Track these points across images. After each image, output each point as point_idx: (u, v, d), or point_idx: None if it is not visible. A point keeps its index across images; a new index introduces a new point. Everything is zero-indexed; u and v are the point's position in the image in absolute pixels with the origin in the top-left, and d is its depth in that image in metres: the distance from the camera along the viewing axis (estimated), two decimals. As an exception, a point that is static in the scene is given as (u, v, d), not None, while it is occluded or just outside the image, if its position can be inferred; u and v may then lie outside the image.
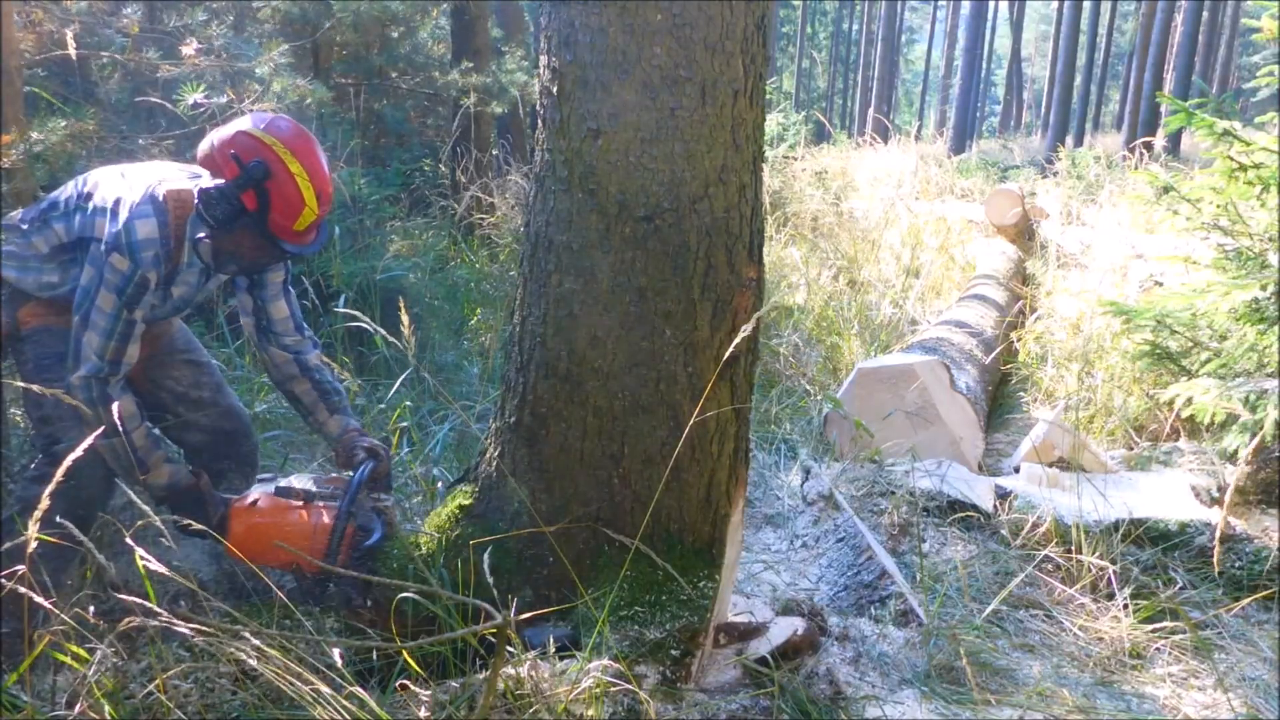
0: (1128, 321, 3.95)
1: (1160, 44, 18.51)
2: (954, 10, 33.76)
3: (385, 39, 6.78)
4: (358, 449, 2.47)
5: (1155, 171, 4.22)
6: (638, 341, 2.00)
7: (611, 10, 1.90)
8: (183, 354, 2.67)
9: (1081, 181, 10.89)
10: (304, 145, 2.24)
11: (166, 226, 2.23)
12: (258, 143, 2.20)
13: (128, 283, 2.20)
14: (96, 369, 2.22)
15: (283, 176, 2.20)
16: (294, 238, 2.28)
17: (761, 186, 2.10)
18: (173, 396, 2.63)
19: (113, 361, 2.24)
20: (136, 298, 2.22)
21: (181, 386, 2.64)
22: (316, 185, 2.24)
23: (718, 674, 2.05)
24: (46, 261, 2.35)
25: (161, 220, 2.22)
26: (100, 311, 2.21)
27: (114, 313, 2.21)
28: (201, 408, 2.64)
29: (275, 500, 2.34)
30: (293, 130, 2.25)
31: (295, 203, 2.22)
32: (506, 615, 1.56)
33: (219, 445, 2.66)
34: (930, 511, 3.24)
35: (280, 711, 1.62)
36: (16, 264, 2.36)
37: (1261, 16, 3.77)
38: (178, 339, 2.68)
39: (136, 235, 2.19)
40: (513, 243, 6.13)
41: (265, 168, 2.18)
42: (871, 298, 6.17)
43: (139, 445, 2.28)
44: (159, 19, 3.91)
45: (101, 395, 2.22)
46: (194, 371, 2.67)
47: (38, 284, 2.36)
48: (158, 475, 2.32)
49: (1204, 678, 2.42)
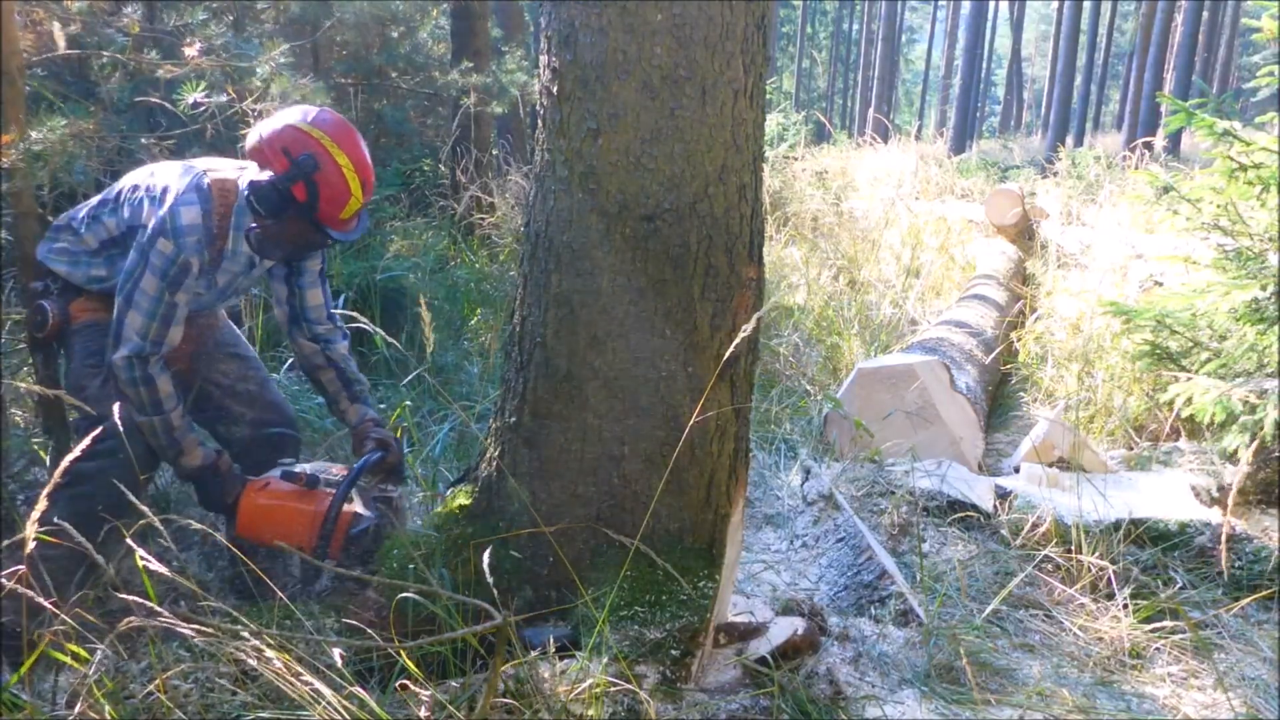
0: (1128, 321, 3.95)
1: (1160, 44, 18.52)
2: (954, 10, 33.75)
3: (385, 39, 6.78)
4: (369, 439, 2.56)
5: (1155, 171, 4.22)
6: (638, 341, 2.00)
7: (611, 10, 1.90)
8: (229, 348, 2.77)
9: (1081, 181, 10.89)
10: (348, 137, 2.35)
11: (210, 214, 2.35)
12: (306, 136, 2.31)
13: (170, 265, 2.30)
14: (138, 348, 2.31)
15: (330, 168, 2.31)
16: (339, 225, 2.40)
17: (761, 186, 2.10)
18: (220, 390, 2.71)
19: (154, 341, 2.33)
20: (179, 281, 2.31)
21: (228, 380, 2.72)
22: (361, 175, 2.36)
23: (718, 674, 2.05)
24: (95, 256, 2.46)
25: (206, 208, 2.33)
26: (144, 293, 2.30)
27: (157, 295, 2.31)
28: (248, 401, 2.73)
29: (281, 483, 2.42)
30: (337, 123, 2.36)
31: (342, 193, 2.33)
32: (507, 615, 1.56)
33: (263, 439, 2.73)
34: (930, 511, 3.24)
35: (280, 711, 1.62)
36: (68, 259, 2.47)
37: (1261, 16, 3.77)
38: (224, 334, 2.78)
39: (181, 220, 2.29)
40: (513, 243, 6.12)
41: (314, 160, 2.29)
42: (871, 298, 6.17)
43: (175, 425, 2.38)
44: (159, 18, 3.91)
45: (143, 374, 2.32)
46: (240, 365, 2.76)
47: (87, 278, 2.46)
48: (191, 457, 2.42)
49: (1204, 678, 2.42)
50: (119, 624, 1.64)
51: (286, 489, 2.40)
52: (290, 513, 2.36)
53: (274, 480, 2.44)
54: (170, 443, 2.38)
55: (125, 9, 3.55)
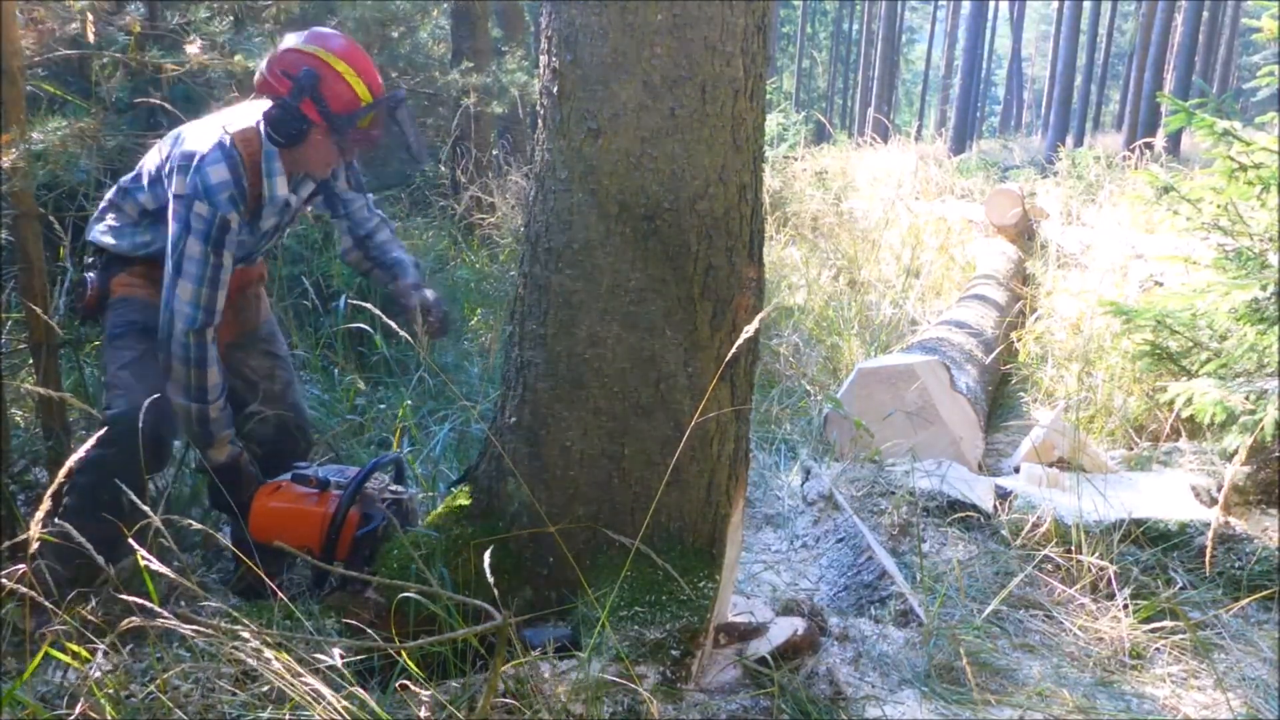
0: (1128, 321, 3.95)
1: (1160, 44, 18.53)
2: (954, 10, 33.75)
3: (385, 39, 6.77)
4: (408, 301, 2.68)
5: (1155, 171, 4.22)
6: (638, 341, 2.00)
7: (611, 10, 1.90)
8: (264, 344, 2.81)
9: (1081, 181, 10.89)
10: (343, 45, 2.42)
11: (239, 166, 2.38)
12: (300, 54, 2.38)
13: (210, 226, 2.34)
14: (192, 320, 2.35)
15: (331, 77, 2.37)
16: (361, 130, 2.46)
17: (761, 186, 2.10)
18: (246, 384, 2.74)
19: (206, 309, 2.37)
20: (221, 240, 2.36)
21: (256, 376, 2.76)
22: (365, 78, 2.41)
23: (718, 674, 2.05)
24: (137, 224, 2.52)
25: (232, 162, 2.37)
26: (190, 259, 2.35)
27: (202, 258, 2.35)
28: (271, 399, 2.75)
29: (293, 486, 2.42)
30: (329, 35, 2.45)
31: (349, 97, 2.39)
32: (507, 615, 1.56)
33: (282, 439, 2.76)
34: (930, 511, 3.24)
35: (280, 711, 1.62)
36: (114, 233, 2.53)
37: (1261, 16, 3.77)
38: (263, 329, 2.82)
39: (211, 180, 2.33)
40: (513, 243, 6.12)
41: (314, 74, 2.35)
42: (871, 298, 6.17)
43: (213, 418, 2.42)
44: (160, 16, 3.90)
45: (199, 355, 2.37)
46: (271, 363, 2.79)
47: (133, 245, 2.52)
48: (219, 452, 2.45)
49: (1204, 678, 2.42)
50: (120, 624, 1.64)
51: (298, 491, 2.41)
52: (300, 515, 2.37)
53: (285, 483, 2.45)
54: (205, 433, 2.42)
55: (127, 7, 3.55)
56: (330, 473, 2.47)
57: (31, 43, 3.05)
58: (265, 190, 2.46)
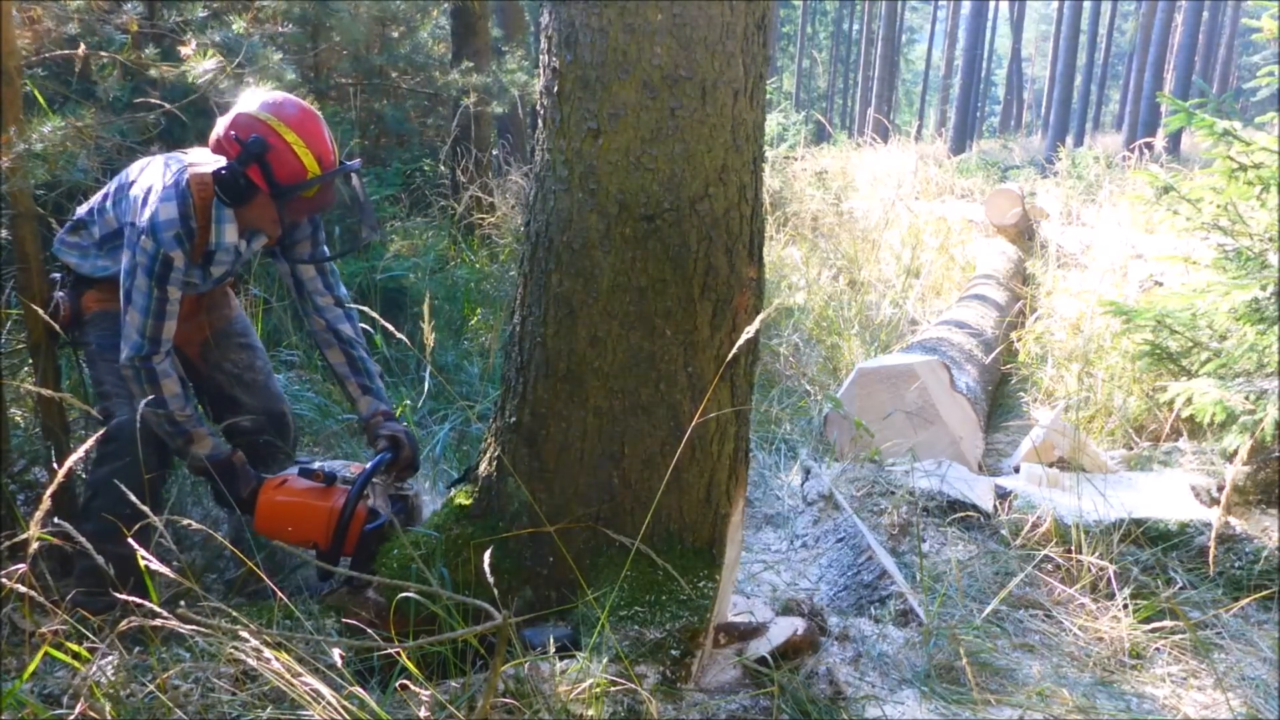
0: (1128, 321, 3.95)
1: (1160, 44, 18.53)
2: (954, 10, 33.74)
3: (385, 39, 6.77)
4: (380, 436, 2.59)
5: (1155, 171, 4.22)
6: (638, 341, 2.00)
7: (611, 10, 1.89)
8: (240, 338, 2.84)
9: (1081, 181, 10.89)
10: (296, 114, 2.39)
11: (189, 207, 2.39)
12: (253, 120, 2.37)
13: (154, 262, 2.36)
14: (138, 347, 2.39)
15: (280, 147, 2.35)
16: (306, 200, 2.43)
17: (761, 186, 2.10)
18: (228, 379, 2.79)
19: (152, 339, 2.39)
20: (165, 276, 2.38)
21: (236, 369, 2.80)
22: (316, 150, 2.38)
23: (718, 674, 2.05)
24: (99, 248, 2.56)
25: (184, 203, 2.38)
26: (138, 291, 2.38)
27: (147, 291, 2.37)
28: (253, 390, 2.80)
29: (299, 480, 2.43)
30: (285, 102, 2.41)
31: (296, 169, 2.37)
32: (506, 615, 1.56)
33: (267, 428, 2.80)
34: (930, 511, 3.24)
35: (280, 711, 1.62)
36: (78, 253, 2.57)
37: (1261, 16, 3.77)
38: (235, 324, 2.86)
39: (159, 218, 2.35)
40: (513, 243, 6.12)
41: (262, 141, 2.34)
42: (871, 298, 6.17)
43: (179, 419, 2.44)
44: (159, 15, 3.90)
45: (148, 376, 2.40)
46: (248, 355, 2.84)
47: (94, 268, 2.56)
48: (200, 445, 2.47)
49: (1204, 678, 2.42)
50: (119, 623, 1.64)
51: (304, 486, 2.41)
52: (307, 509, 2.37)
53: (291, 477, 2.45)
54: (178, 431, 2.44)
55: (125, 6, 3.54)
56: (336, 467, 2.47)
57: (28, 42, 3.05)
58: (214, 235, 2.47)
